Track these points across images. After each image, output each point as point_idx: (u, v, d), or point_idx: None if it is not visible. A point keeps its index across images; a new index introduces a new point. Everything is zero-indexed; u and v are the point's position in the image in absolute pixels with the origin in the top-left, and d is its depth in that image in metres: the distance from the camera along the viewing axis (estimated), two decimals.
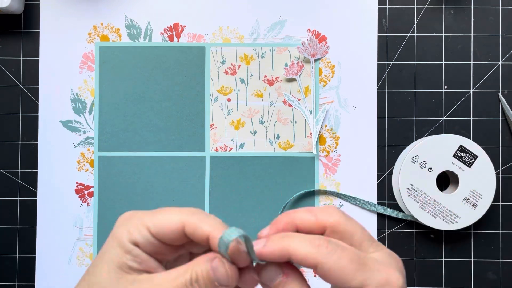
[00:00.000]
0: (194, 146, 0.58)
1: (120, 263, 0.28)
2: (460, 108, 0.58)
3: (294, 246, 0.27)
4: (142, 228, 0.28)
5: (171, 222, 0.28)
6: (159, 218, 0.28)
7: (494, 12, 0.58)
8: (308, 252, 0.26)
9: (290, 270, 0.28)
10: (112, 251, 0.28)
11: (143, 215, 0.29)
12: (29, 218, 0.58)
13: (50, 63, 0.58)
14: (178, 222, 0.28)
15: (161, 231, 0.28)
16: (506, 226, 0.58)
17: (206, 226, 0.28)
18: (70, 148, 0.58)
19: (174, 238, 0.29)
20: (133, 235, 0.28)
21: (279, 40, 0.58)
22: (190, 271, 0.27)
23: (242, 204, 0.58)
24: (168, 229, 0.28)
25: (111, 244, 0.28)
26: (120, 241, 0.28)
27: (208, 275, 0.27)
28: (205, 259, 0.28)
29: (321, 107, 0.58)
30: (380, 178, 0.58)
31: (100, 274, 0.28)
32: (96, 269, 0.28)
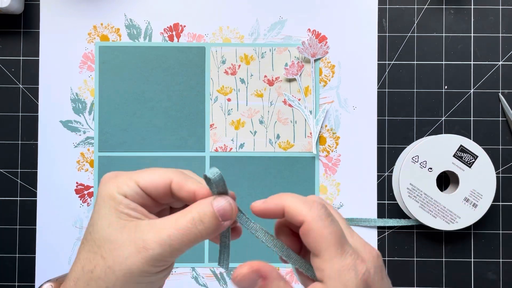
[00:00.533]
0: (194, 146, 0.58)
1: (117, 213, 0.29)
2: (460, 108, 0.58)
3: (289, 202, 0.29)
4: (131, 182, 0.30)
5: (159, 178, 0.30)
6: (147, 173, 0.30)
7: (494, 12, 0.58)
8: (300, 209, 0.28)
9: (267, 270, 0.28)
10: (106, 205, 0.29)
11: (129, 173, 0.30)
12: (29, 218, 0.58)
13: (50, 63, 0.58)
14: (166, 178, 0.30)
15: (150, 185, 0.30)
16: (506, 226, 0.58)
17: (191, 183, 0.30)
18: (70, 148, 0.58)
19: (161, 193, 0.30)
20: (122, 188, 0.29)
21: (279, 40, 0.58)
22: (192, 212, 0.28)
23: (242, 204, 0.58)
24: (156, 184, 0.30)
25: (103, 200, 0.29)
26: (110, 194, 0.29)
27: (212, 213, 0.28)
28: (206, 201, 0.29)
29: (321, 107, 0.58)
30: (380, 178, 0.58)
31: (102, 229, 0.28)
32: (96, 227, 0.29)
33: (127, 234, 0.28)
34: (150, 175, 0.30)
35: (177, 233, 0.28)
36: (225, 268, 0.31)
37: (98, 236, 0.28)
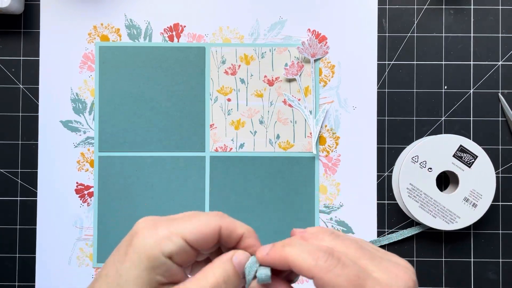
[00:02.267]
0: (194, 146, 0.58)
1: (149, 278, 0.26)
2: (460, 108, 0.58)
3: (293, 255, 0.26)
4: (176, 237, 0.27)
5: (207, 227, 0.27)
6: (193, 223, 0.27)
7: (494, 12, 0.58)
8: (306, 264, 0.26)
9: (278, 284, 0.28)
10: (141, 266, 0.26)
11: (171, 222, 0.27)
12: (29, 218, 0.58)
13: (50, 63, 0.58)
14: (216, 226, 0.28)
15: (199, 238, 0.27)
16: (506, 226, 0.58)
17: (240, 227, 0.28)
18: (70, 148, 0.58)
19: (210, 244, 0.28)
20: (167, 246, 0.26)
21: (279, 40, 0.58)
22: (216, 273, 0.27)
23: (242, 204, 0.58)
24: (205, 235, 0.27)
25: (139, 257, 0.26)
26: (150, 254, 0.26)
27: (235, 272, 0.27)
28: (226, 259, 0.28)
29: (321, 107, 0.58)
30: (380, 178, 0.58)
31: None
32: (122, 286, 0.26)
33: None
34: (196, 225, 0.27)
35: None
36: None
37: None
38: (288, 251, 0.27)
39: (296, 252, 0.26)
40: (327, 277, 0.25)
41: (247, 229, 0.28)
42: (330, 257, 0.26)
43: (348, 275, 0.25)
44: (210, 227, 0.27)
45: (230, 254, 0.28)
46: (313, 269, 0.26)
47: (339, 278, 0.25)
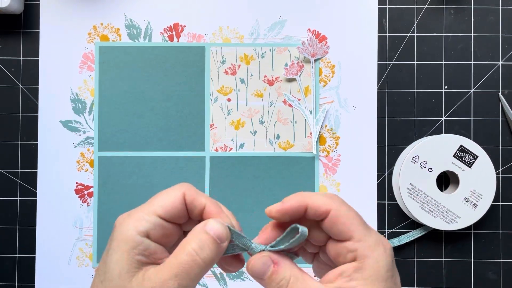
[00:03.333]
0: (194, 146, 0.58)
1: (129, 260, 0.28)
2: (460, 108, 0.58)
3: (310, 196, 0.30)
4: (149, 215, 0.29)
5: (175, 197, 0.30)
6: (161, 198, 0.30)
7: (494, 12, 0.58)
8: (323, 201, 0.29)
9: (279, 257, 0.30)
10: (119, 250, 0.28)
11: (143, 206, 0.30)
12: (29, 218, 0.58)
13: (50, 63, 0.58)
14: (180, 194, 0.30)
15: (169, 209, 0.29)
16: (506, 226, 0.58)
17: (202, 197, 0.30)
18: (70, 148, 0.58)
19: (181, 213, 0.30)
20: (142, 225, 0.28)
21: (279, 40, 0.58)
22: (190, 243, 0.28)
23: (242, 204, 0.58)
24: (174, 205, 0.29)
25: (117, 245, 0.28)
26: (127, 237, 0.28)
27: (209, 238, 0.29)
28: (198, 229, 0.29)
29: (321, 107, 0.58)
30: (380, 178, 0.58)
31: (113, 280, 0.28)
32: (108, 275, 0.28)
33: (136, 284, 0.28)
34: (164, 198, 0.30)
35: (182, 271, 0.28)
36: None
37: (110, 286, 0.28)
38: (305, 194, 0.30)
39: (312, 195, 0.30)
40: (343, 209, 0.29)
41: (210, 200, 0.30)
42: (340, 198, 0.30)
43: (355, 211, 0.30)
44: (176, 196, 0.30)
45: (202, 223, 0.29)
46: (330, 203, 0.29)
47: (352, 212, 0.30)
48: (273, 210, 0.30)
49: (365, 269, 0.28)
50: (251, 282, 0.58)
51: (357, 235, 0.29)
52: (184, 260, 0.28)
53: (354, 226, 0.29)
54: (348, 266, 0.29)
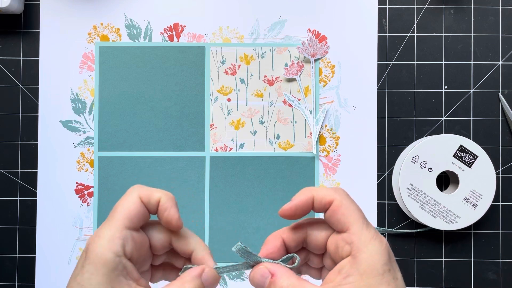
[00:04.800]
0: (194, 146, 0.58)
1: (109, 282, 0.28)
2: (460, 108, 0.58)
3: (316, 189, 0.31)
4: (119, 232, 0.30)
5: (134, 203, 0.31)
6: (123, 209, 0.30)
7: (494, 12, 0.58)
8: (327, 192, 0.31)
9: (277, 268, 0.31)
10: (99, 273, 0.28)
11: (108, 224, 0.30)
12: (29, 218, 0.58)
13: (50, 63, 0.58)
14: (136, 198, 0.31)
15: (134, 217, 0.30)
16: (506, 226, 0.58)
17: (156, 192, 0.31)
18: (70, 148, 0.58)
19: (144, 216, 0.31)
20: (116, 244, 0.29)
21: (279, 40, 0.58)
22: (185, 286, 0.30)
23: (242, 204, 0.58)
24: (136, 210, 0.30)
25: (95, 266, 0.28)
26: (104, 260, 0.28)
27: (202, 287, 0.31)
28: (193, 275, 0.31)
29: (321, 107, 0.58)
30: (380, 178, 0.58)
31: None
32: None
33: None
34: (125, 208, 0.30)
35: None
36: None
37: None
38: (311, 188, 0.32)
39: (318, 188, 0.32)
40: (345, 201, 0.30)
41: (164, 194, 0.31)
42: (346, 192, 0.32)
43: (357, 206, 0.31)
44: (134, 202, 0.31)
45: (198, 270, 0.31)
46: (334, 194, 0.31)
47: (353, 205, 0.31)
48: (285, 209, 0.31)
49: (360, 263, 0.28)
50: None
51: (355, 228, 0.30)
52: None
53: (353, 218, 0.30)
54: (345, 262, 0.29)
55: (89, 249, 0.29)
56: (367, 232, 0.29)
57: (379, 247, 0.29)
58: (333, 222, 0.31)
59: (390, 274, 0.29)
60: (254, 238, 0.58)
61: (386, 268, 0.29)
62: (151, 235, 0.32)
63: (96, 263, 0.28)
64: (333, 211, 0.30)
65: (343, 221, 0.30)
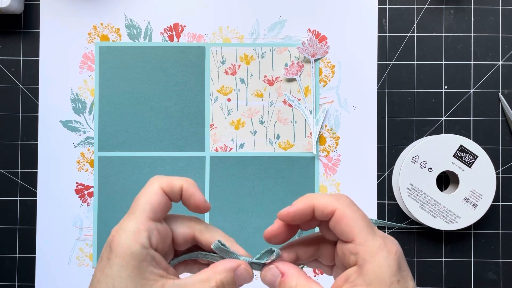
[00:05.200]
0: (194, 146, 0.58)
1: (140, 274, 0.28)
2: (460, 108, 0.58)
3: (317, 198, 0.31)
4: (143, 224, 0.29)
5: (156, 193, 0.30)
6: (146, 201, 0.30)
7: (494, 12, 0.58)
8: (329, 201, 0.30)
9: (287, 268, 0.31)
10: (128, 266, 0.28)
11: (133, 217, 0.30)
12: (29, 218, 0.58)
13: (50, 63, 0.58)
14: (158, 189, 0.31)
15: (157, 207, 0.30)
16: (506, 226, 0.58)
17: (177, 180, 0.31)
18: (70, 148, 0.58)
19: (166, 205, 0.31)
20: (142, 236, 0.29)
21: (279, 40, 0.58)
22: (217, 277, 0.30)
23: (242, 204, 0.58)
24: (159, 200, 0.30)
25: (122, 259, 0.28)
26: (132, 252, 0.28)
27: (233, 282, 0.31)
28: (227, 268, 0.31)
29: (321, 107, 0.58)
30: (380, 178, 0.58)
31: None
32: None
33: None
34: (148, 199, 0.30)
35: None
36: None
37: None
38: (311, 196, 0.31)
39: (319, 195, 0.31)
40: (348, 210, 0.29)
41: (185, 180, 0.31)
42: (348, 199, 0.31)
43: (363, 214, 0.30)
44: (156, 192, 0.30)
45: (234, 263, 0.31)
46: (336, 203, 0.30)
47: (357, 214, 0.30)
48: (283, 214, 0.31)
49: (366, 274, 0.28)
50: (251, 282, 0.57)
51: (360, 238, 0.29)
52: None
53: (357, 229, 0.29)
54: (351, 271, 0.29)
55: (114, 242, 0.29)
56: (373, 242, 0.29)
57: (386, 258, 0.28)
58: (337, 233, 0.30)
59: (399, 285, 0.28)
60: (254, 238, 0.58)
61: (394, 279, 0.28)
62: (174, 228, 0.32)
63: (123, 257, 0.28)
64: (336, 221, 0.30)
65: (348, 232, 0.29)
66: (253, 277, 0.32)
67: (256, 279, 0.58)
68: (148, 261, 0.28)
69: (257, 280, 0.58)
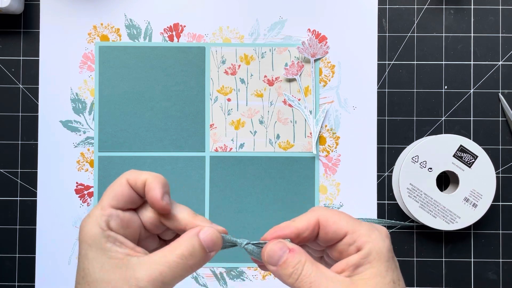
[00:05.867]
0: (194, 146, 0.58)
1: (105, 252, 0.29)
2: (460, 108, 0.58)
3: (295, 222, 0.31)
4: (104, 210, 0.30)
5: (120, 185, 0.31)
6: (110, 191, 0.31)
7: (494, 12, 0.58)
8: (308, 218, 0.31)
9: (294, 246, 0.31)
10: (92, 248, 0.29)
11: (96, 206, 0.31)
12: (29, 218, 0.58)
13: (50, 63, 0.58)
14: (123, 181, 0.31)
15: (119, 197, 0.31)
16: (506, 226, 0.58)
17: (144, 174, 0.32)
18: (70, 148, 0.58)
19: (131, 197, 0.31)
20: (101, 220, 0.30)
21: (279, 40, 0.58)
22: (182, 247, 0.30)
23: (242, 204, 0.58)
24: (122, 191, 0.31)
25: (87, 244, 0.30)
26: (92, 235, 0.30)
27: (200, 246, 0.30)
28: (193, 233, 0.30)
29: (321, 107, 0.58)
30: (380, 178, 0.58)
31: (95, 273, 0.29)
32: (88, 271, 0.29)
33: (119, 273, 0.29)
34: (112, 190, 0.31)
35: (168, 270, 0.29)
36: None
37: (92, 279, 0.29)
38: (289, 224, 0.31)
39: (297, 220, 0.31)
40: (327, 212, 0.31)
41: (151, 175, 0.31)
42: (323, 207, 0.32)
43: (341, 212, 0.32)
44: (121, 184, 0.31)
45: (196, 229, 0.31)
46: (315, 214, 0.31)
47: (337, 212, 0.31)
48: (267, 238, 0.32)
49: (369, 253, 0.29)
50: (251, 282, 0.58)
51: (351, 228, 0.30)
52: (173, 260, 0.29)
53: (345, 222, 0.31)
54: (353, 257, 0.30)
55: (80, 229, 0.31)
56: (363, 227, 0.30)
57: (379, 236, 0.30)
58: (329, 237, 0.31)
59: (393, 260, 0.30)
60: (254, 238, 0.57)
61: (390, 255, 0.30)
62: (142, 214, 0.33)
63: (87, 240, 0.30)
64: (324, 227, 0.31)
65: (338, 229, 0.31)
66: (222, 242, 0.31)
67: (256, 278, 0.58)
68: (111, 242, 0.30)
69: (258, 280, 0.58)
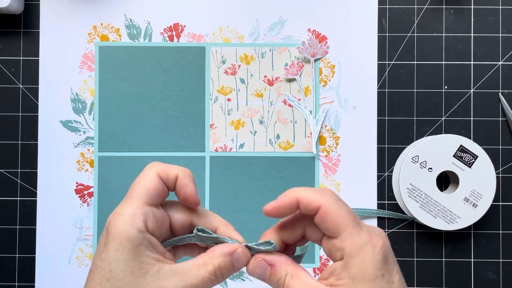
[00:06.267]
0: (194, 146, 0.58)
1: (138, 257, 0.28)
2: (460, 108, 0.58)
3: (301, 192, 0.30)
4: (140, 208, 0.29)
5: (152, 179, 0.30)
6: (142, 186, 0.30)
7: (494, 12, 0.58)
8: (314, 196, 0.30)
9: (274, 258, 0.31)
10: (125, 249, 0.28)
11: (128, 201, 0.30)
12: (29, 218, 0.58)
13: (50, 63, 0.58)
14: (154, 174, 0.31)
15: (153, 193, 0.30)
16: (506, 226, 0.58)
17: (174, 168, 0.31)
18: (70, 148, 0.58)
19: (163, 191, 0.31)
20: (139, 220, 0.29)
21: (279, 40, 0.58)
22: (214, 264, 0.30)
23: (242, 204, 0.58)
24: (155, 186, 0.30)
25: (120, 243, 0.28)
26: (128, 236, 0.28)
27: (231, 266, 0.31)
28: (224, 252, 0.31)
29: (321, 107, 0.58)
30: (380, 178, 0.58)
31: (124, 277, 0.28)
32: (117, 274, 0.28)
33: (151, 281, 0.28)
34: (144, 184, 0.30)
35: (201, 284, 0.29)
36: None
37: (120, 284, 0.28)
38: (296, 190, 0.30)
39: (304, 190, 0.30)
40: (333, 206, 0.29)
41: (182, 170, 0.31)
42: (335, 194, 0.30)
43: (349, 210, 0.30)
44: (153, 178, 0.30)
45: (230, 247, 0.31)
46: (321, 199, 0.29)
47: (342, 210, 0.29)
48: (268, 209, 0.31)
49: (351, 268, 0.28)
50: (251, 282, 0.58)
51: (345, 234, 0.29)
52: (204, 276, 0.30)
53: (343, 224, 0.29)
54: (337, 264, 0.29)
55: (111, 226, 0.29)
56: (359, 237, 0.29)
57: (371, 253, 0.28)
58: (323, 229, 0.30)
59: (384, 279, 0.28)
60: (254, 238, 0.57)
61: (379, 274, 0.28)
62: (171, 214, 0.32)
63: (120, 240, 0.28)
64: (321, 218, 0.29)
65: (333, 228, 0.29)
66: (249, 261, 0.32)
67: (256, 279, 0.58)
68: (144, 245, 0.29)
69: (258, 280, 0.58)
